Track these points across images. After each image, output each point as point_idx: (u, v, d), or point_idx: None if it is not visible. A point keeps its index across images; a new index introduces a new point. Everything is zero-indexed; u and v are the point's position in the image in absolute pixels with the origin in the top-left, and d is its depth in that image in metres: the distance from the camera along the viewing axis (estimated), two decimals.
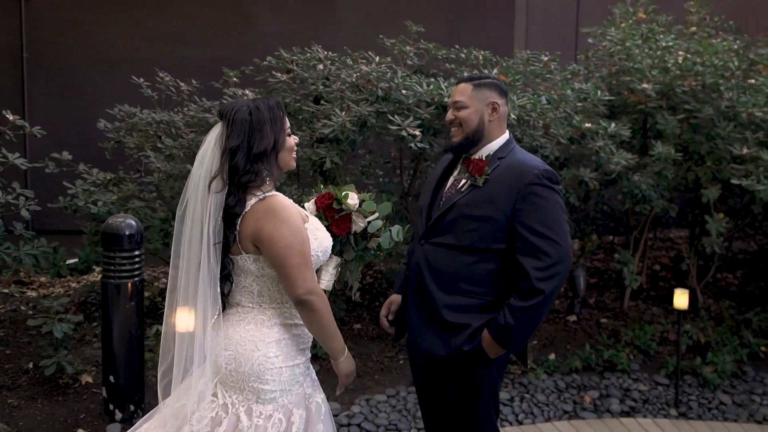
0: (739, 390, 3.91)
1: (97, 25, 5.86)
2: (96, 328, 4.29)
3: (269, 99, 1.94)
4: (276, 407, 1.91)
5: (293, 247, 1.84)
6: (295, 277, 1.86)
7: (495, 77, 2.40)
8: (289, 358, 1.94)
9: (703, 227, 4.88)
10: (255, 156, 1.86)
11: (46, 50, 5.81)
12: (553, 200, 2.18)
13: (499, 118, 2.31)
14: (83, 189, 4.01)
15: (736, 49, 4.49)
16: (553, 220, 2.15)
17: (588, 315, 4.74)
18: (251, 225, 1.86)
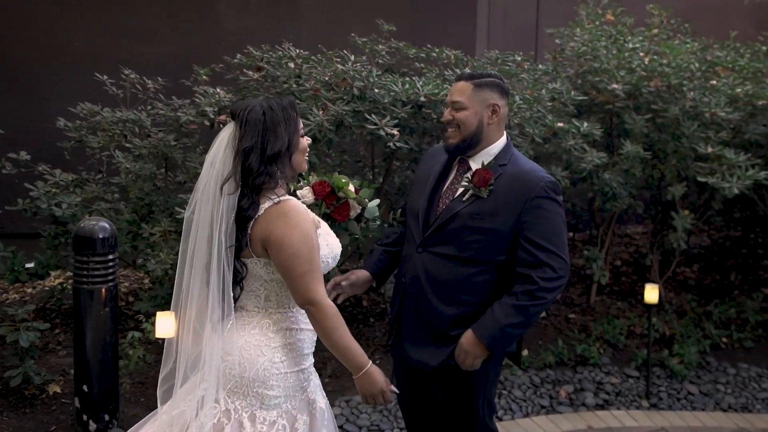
0: (705, 380, 4.05)
1: (51, 18, 5.61)
2: (59, 335, 4.13)
3: (283, 99, 1.90)
4: (280, 413, 1.87)
5: (301, 254, 1.80)
6: (299, 285, 1.82)
7: (497, 75, 2.33)
8: (294, 363, 1.91)
9: (664, 223, 5.05)
10: (269, 157, 1.82)
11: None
12: (556, 213, 2.18)
13: (498, 121, 2.25)
14: (45, 191, 3.85)
15: (695, 51, 4.65)
16: (558, 234, 2.16)
17: (556, 311, 4.83)
18: (263, 228, 1.82)
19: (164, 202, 4.02)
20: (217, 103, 3.88)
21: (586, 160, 3.78)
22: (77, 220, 3.87)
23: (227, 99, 3.95)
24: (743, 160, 3.74)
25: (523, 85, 4.09)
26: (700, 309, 4.82)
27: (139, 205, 4.09)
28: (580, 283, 5.34)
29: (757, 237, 5.92)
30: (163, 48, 5.80)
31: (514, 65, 4.15)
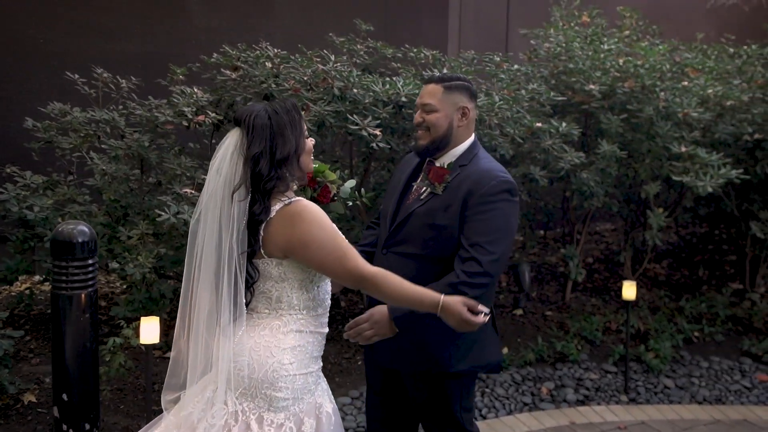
0: (680, 374, 4.15)
1: (15, 14, 5.44)
2: (30, 343, 4.00)
3: (285, 101, 1.90)
4: (287, 415, 1.87)
5: (326, 244, 1.82)
6: (341, 272, 1.85)
7: (465, 78, 2.33)
8: (303, 366, 1.90)
9: (636, 221, 5.15)
10: (279, 161, 1.83)
11: None
12: (500, 211, 2.14)
13: (468, 123, 2.27)
14: (15, 194, 3.72)
15: (665, 53, 4.76)
16: (495, 231, 2.13)
17: (533, 308, 4.88)
18: (279, 232, 1.82)
19: (139, 204, 3.93)
20: (195, 103, 3.81)
21: (565, 159, 3.83)
22: (49, 224, 3.76)
23: (204, 99, 3.88)
24: (716, 159, 3.85)
25: (500, 86, 4.13)
26: (672, 304, 4.94)
27: (114, 207, 3.99)
28: (554, 281, 5.42)
29: (721, 233, 6.10)
30: (132, 46, 5.68)
31: (494, 66, 4.17)
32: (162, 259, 3.79)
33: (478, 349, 2.24)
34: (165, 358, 3.88)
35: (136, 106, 3.93)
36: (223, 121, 3.94)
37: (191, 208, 3.28)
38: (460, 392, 2.26)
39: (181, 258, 3.96)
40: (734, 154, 4.60)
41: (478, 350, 2.25)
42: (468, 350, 2.22)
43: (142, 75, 4.40)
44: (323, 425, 1.95)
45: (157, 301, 3.89)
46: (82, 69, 4.19)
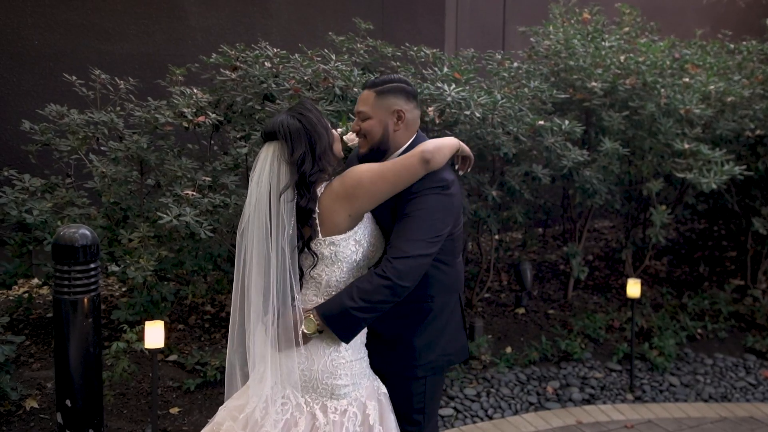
0: (685, 371, 4.14)
1: (9, 16, 5.38)
2: (30, 347, 3.95)
3: (304, 102, 2.02)
4: (350, 401, 1.94)
5: (374, 168, 1.96)
6: (402, 173, 1.95)
7: (400, 79, 2.20)
8: (357, 352, 1.98)
9: (637, 218, 5.14)
10: (319, 156, 1.94)
11: None
12: (428, 209, 2.02)
13: (405, 125, 2.16)
14: (14, 197, 3.67)
15: (665, 50, 4.74)
16: (415, 230, 2.01)
17: (535, 307, 4.87)
18: (332, 201, 1.94)
19: (139, 206, 3.89)
20: (195, 104, 3.77)
21: (568, 157, 3.81)
22: (48, 227, 3.72)
23: (204, 100, 3.84)
24: (719, 155, 3.83)
25: (501, 84, 4.11)
26: (675, 301, 4.93)
27: (113, 209, 3.95)
28: (555, 279, 5.40)
29: (720, 229, 6.10)
30: (128, 47, 5.62)
31: (495, 64, 4.15)
32: (163, 262, 3.75)
33: (445, 340, 2.20)
34: (167, 362, 3.84)
35: (135, 108, 3.89)
36: (222, 122, 3.91)
37: (193, 210, 3.25)
38: (423, 398, 2.19)
39: (182, 260, 3.94)
40: (736, 150, 4.60)
41: (447, 341, 2.21)
42: (437, 341, 2.19)
43: (139, 76, 4.36)
44: (384, 406, 2.03)
45: (158, 304, 3.85)
46: (79, 70, 4.15)
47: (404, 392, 2.18)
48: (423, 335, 2.16)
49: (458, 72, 4.00)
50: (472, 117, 3.50)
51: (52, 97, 4.17)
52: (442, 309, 2.18)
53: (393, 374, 2.17)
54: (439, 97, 3.56)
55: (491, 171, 4.42)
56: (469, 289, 4.78)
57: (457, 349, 2.26)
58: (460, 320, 2.27)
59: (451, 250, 2.16)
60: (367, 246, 2.01)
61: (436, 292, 2.16)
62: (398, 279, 1.95)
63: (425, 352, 2.16)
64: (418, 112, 2.23)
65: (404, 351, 2.15)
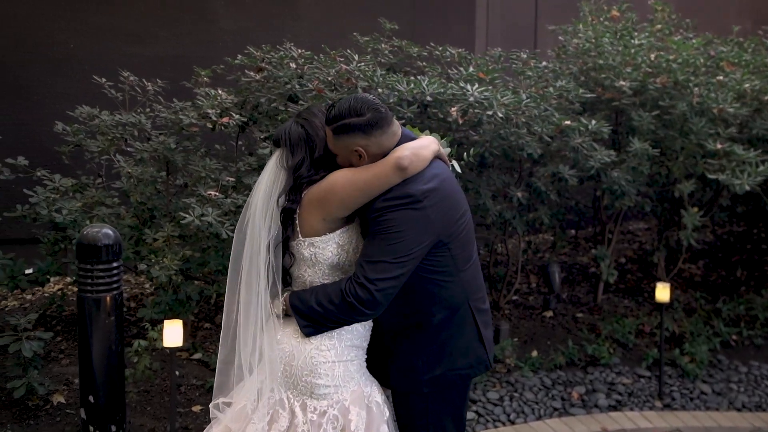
0: (717, 379, 4.01)
1: (44, 20, 5.53)
2: (61, 344, 4.05)
3: (311, 108, 2.04)
4: (330, 403, 1.91)
5: (347, 173, 1.92)
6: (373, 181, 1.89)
7: (356, 111, 1.95)
8: (342, 353, 1.94)
9: (670, 220, 5.01)
10: (317, 160, 1.96)
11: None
12: (394, 226, 1.90)
13: (371, 158, 1.97)
14: (45, 197, 3.76)
15: (699, 47, 4.61)
16: (380, 251, 1.90)
17: (563, 310, 4.78)
18: (310, 204, 1.94)
19: (166, 206, 3.94)
20: (219, 105, 3.81)
21: (594, 158, 3.73)
22: (78, 226, 3.80)
23: (229, 101, 3.88)
24: (753, 156, 3.71)
25: (528, 83, 4.04)
26: (708, 306, 4.79)
27: (141, 209, 4.02)
28: (585, 282, 5.30)
29: (760, 232, 5.90)
30: (159, 49, 5.72)
31: (521, 63, 4.09)
32: (188, 261, 3.80)
33: (451, 354, 2.08)
34: (191, 360, 3.89)
35: (162, 109, 3.94)
36: (248, 123, 3.94)
37: (215, 210, 3.28)
38: (426, 415, 2.10)
39: (207, 260, 3.98)
40: None
41: (453, 356, 2.09)
42: (440, 356, 2.07)
43: (170, 77, 4.42)
44: (374, 414, 1.96)
45: (183, 303, 3.90)
46: (111, 73, 4.22)
47: (406, 407, 2.11)
48: (424, 351, 2.05)
49: (483, 72, 3.96)
50: (494, 117, 3.46)
51: (86, 99, 4.25)
52: (444, 323, 2.05)
53: (395, 388, 2.12)
54: (461, 97, 3.53)
55: (517, 172, 4.36)
56: (495, 291, 4.73)
57: (471, 363, 2.10)
58: (474, 332, 2.10)
59: (450, 263, 2.02)
60: (353, 251, 1.98)
61: (436, 308, 2.04)
62: (362, 306, 1.87)
63: (427, 368, 2.05)
64: (386, 134, 1.99)
65: (405, 366, 2.07)
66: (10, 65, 5.47)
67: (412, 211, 1.90)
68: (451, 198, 2.01)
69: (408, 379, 2.07)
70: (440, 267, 2.00)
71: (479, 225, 4.55)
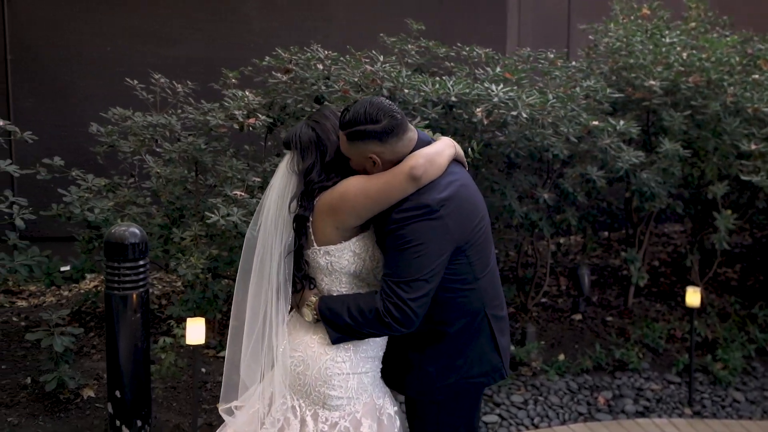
0: (751, 386, 3.90)
1: (83, 24, 5.68)
2: (93, 339, 4.16)
3: (323, 109, 2.01)
4: (342, 414, 1.89)
5: (360, 184, 1.87)
6: (388, 190, 1.85)
7: (371, 118, 1.91)
8: (357, 365, 1.92)
9: (705, 223, 4.89)
10: (329, 164, 1.93)
11: (31, 52, 5.62)
12: (415, 240, 1.86)
13: (384, 165, 1.94)
14: (78, 196, 3.87)
15: (735, 45, 4.49)
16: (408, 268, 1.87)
17: (593, 313, 4.71)
18: (323, 212, 1.90)
19: (195, 206, 4.01)
20: (246, 106, 3.86)
21: (623, 159, 3.66)
22: (110, 225, 3.89)
23: (256, 102, 3.93)
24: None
25: (556, 83, 3.99)
26: (743, 311, 4.66)
27: (170, 209, 4.10)
28: (616, 285, 5.21)
29: None
30: (191, 51, 5.82)
31: (548, 63, 4.04)
32: (216, 260, 3.86)
33: (466, 362, 2.05)
34: (219, 358, 3.95)
35: (191, 110, 4.01)
36: (275, 123, 3.98)
37: (240, 210, 3.33)
38: (438, 417, 2.08)
39: (235, 259, 4.04)
40: None
41: (468, 364, 2.06)
42: (454, 364, 2.04)
43: (202, 79, 4.49)
44: (385, 427, 1.95)
45: (211, 302, 3.97)
46: (145, 75, 4.32)
47: (418, 414, 2.09)
48: (439, 359, 2.02)
49: (510, 72, 3.92)
50: (519, 117, 3.42)
51: (120, 101, 4.36)
52: (461, 332, 2.02)
53: (408, 394, 2.10)
54: (486, 98, 3.50)
55: (546, 173, 4.31)
56: (523, 293, 4.68)
57: (485, 371, 2.08)
58: (489, 340, 2.08)
59: (468, 270, 1.98)
60: (369, 260, 1.94)
61: (453, 317, 2.01)
62: (399, 325, 1.87)
63: (441, 376, 2.03)
64: (401, 141, 1.94)
65: (419, 374, 2.04)
66: (49, 68, 5.65)
67: (430, 221, 1.86)
68: (468, 204, 1.97)
69: (421, 387, 2.04)
70: (458, 275, 1.97)
71: (506, 227, 4.51)
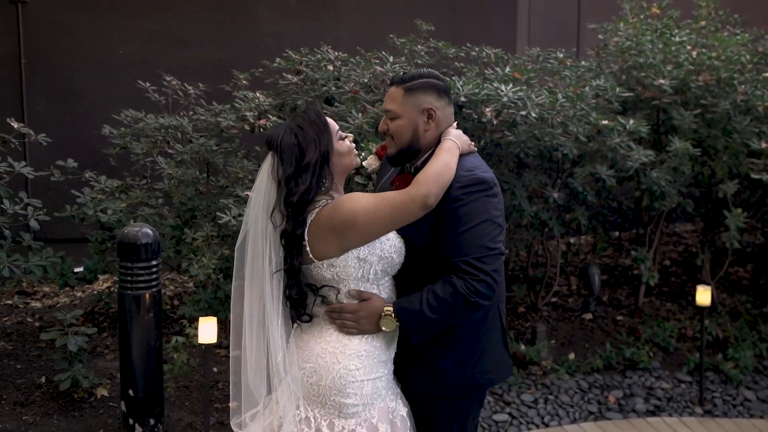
0: (762, 385, 3.89)
1: (95, 27, 5.74)
2: (107, 339, 4.20)
3: (309, 113, 1.90)
4: (359, 421, 1.88)
5: (369, 208, 1.81)
6: (401, 216, 1.83)
7: (432, 74, 2.05)
8: (371, 371, 1.90)
9: (716, 222, 4.87)
10: (310, 175, 1.84)
11: (45, 55, 5.69)
12: (481, 211, 1.91)
13: (437, 124, 2.01)
14: (91, 197, 3.92)
15: (745, 43, 4.47)
16: (480, 237, 1.90)
17: (603, 313, 4.70)
18: (322, 232, 1.84)
19: (207, 206, 4.05)
20: (257, 108, 3.90)
21: (632, 158, 3.66)
22: (122, 226, 3.94)
23: (267, 103, 3.96)
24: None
25: (566, 83, 4.00)
26: (755, 310, 4.64)
27: (182, 210, 4.14)
28: (627, 284, 5.20)
29: None
30: (202, 53, 5.87)
31: (557, 62, 4.05)
32: (228, 260, 3.90)
33: (480, 357, 2.06)
34: (230, 357, 3.98)
35: (203, 112, 4.05)
36: None
37: None
38: (450, 414, 2.07)
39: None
40: None
41: (482, 359, 2.06)
42: (469, 359, 2.05)
43: (213, 81, 4.53)
44: (398, 429, 1.95)
45: (223, 302, 4.00)
46: (158, 77, 4.36)
47: (428, 412, 2.07)
48: (453, 355, 2.02)
49: (519, 72, 3.93)
50: (528, 117, 3.43)
51: (133, 103, 4.41)
52: (477, 326, 2.03)
53: (418, 393, 2.07)
54: (495, 98, 3.52)
55: (555, 172, 4.31)
56: (533, 293, 4.68)
57: (497, 367, 2.10)
58: (500, 335, 2.11)
59: None
60: (376, 260, 1.89)
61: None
62: (484, 299, 1.90)
63: (457, 371, 2.02)
64: (451, 109, 2.06)
65: (431, 371, 2.03)
66: (63, 71, 5.72)
67: (491, 197, 1.93)
68: None
69: (434, 384, 2.03)
70: None
71: (516, 226, 4.52)
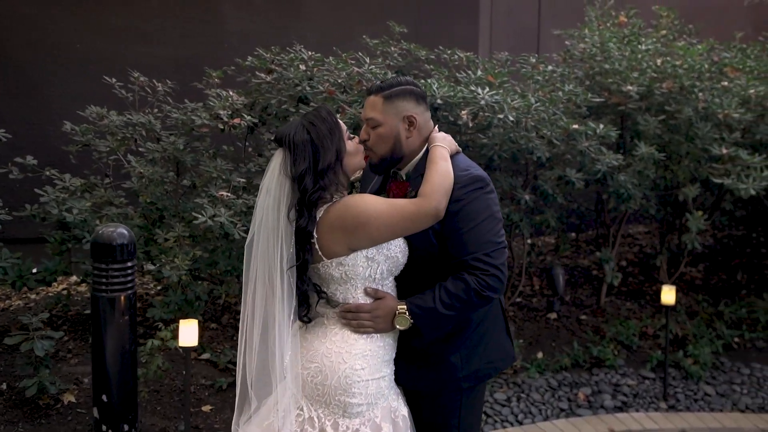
0: (720, 380, 4.06)
1: (53, 20, 5.53)
2: (68, 343, 4.06)
3: (320, 110, 1.92)
4: (363, 421, 1.89)
5: (381, 211, 1.84)
6: (412, 224, 1.87)
7: (409, 81, 2.10)
8: (375, 371, 1.91)
9: (673, 224, 5.06)
10: (321, 172, 1.85)
11: (3, 48, 5.45)
12: (478, 207, 1.97)
13: (418, 131, 2.05)
14: (54, 196, 3.77)
15: (702, 53, 4.66)
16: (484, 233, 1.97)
17: (567, 312, 4.82)
18: (332, 230, 1.85)
19: (175, 206, 3.96)
20: (231, 106, 3.83)
21: (602, 161, 3.77)
22: (87, 226, 3.81)
23: (240, 102, 3.90)
24: (759, 161, 3.76)
25: (535, 87, 4.08)
26: (710, 309, 4.84)
27: (150, 209, 4.03)
28: (588, 284, 5.34)
29: (759, 236, 5.96)
30: (168, 50, 5.73)
31: (530, 67, 4.13)
32: (198, 262, 3.82)
33: (487, 347, 2.11)
34: (200, 360, 3.90)
35: (172, 110, 3.96)
36: (257, 124, 3.96)
37: (227, 211, 3.30)
38: (458, 416, 2.10)
39: (217, 261, 4.00)
40: None
41: (489, 349, 2.11)
42: (477, 350, 2.09)
43: (178, 78, 4.43)
44: (400, 429, 1.96)
45: (192, 303, 3.92)
46: (120, 73, 4.24)
47: (433, 408, 2.09)
48: (461, 347, 2.05)
49: (492, 75, 3.99)
50: (505, 120, 3.49)
51: (95, 100, 4.26)
52: (483, 317, 2.08)
53: (425, 390, 2.08)
54: (472, 101, 3.56)
55: (524, 174, 4.39)
56: None
57: (502, 355, 2.15)
58: (503, 324, 2.17)
59: None
60: (383, 260, 1.91)
61: None
62: (495, 293, 1.95)
63: (465, 364, 2.06)
64: (428, 114, 2.10)
65: (439, 367, 2.05)
66: (22, 65, 5.48)
67: (488, 194, 2.01)
68: None
69: (442, 379, 2.05)
70: None
71: None
